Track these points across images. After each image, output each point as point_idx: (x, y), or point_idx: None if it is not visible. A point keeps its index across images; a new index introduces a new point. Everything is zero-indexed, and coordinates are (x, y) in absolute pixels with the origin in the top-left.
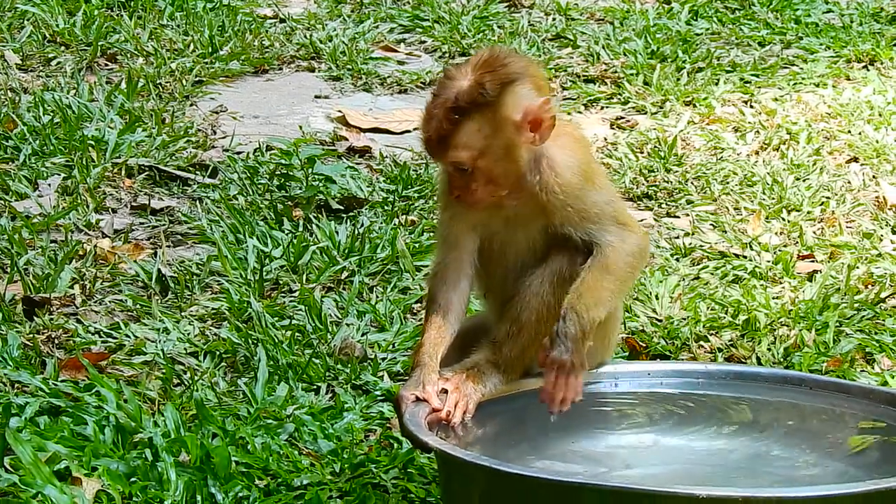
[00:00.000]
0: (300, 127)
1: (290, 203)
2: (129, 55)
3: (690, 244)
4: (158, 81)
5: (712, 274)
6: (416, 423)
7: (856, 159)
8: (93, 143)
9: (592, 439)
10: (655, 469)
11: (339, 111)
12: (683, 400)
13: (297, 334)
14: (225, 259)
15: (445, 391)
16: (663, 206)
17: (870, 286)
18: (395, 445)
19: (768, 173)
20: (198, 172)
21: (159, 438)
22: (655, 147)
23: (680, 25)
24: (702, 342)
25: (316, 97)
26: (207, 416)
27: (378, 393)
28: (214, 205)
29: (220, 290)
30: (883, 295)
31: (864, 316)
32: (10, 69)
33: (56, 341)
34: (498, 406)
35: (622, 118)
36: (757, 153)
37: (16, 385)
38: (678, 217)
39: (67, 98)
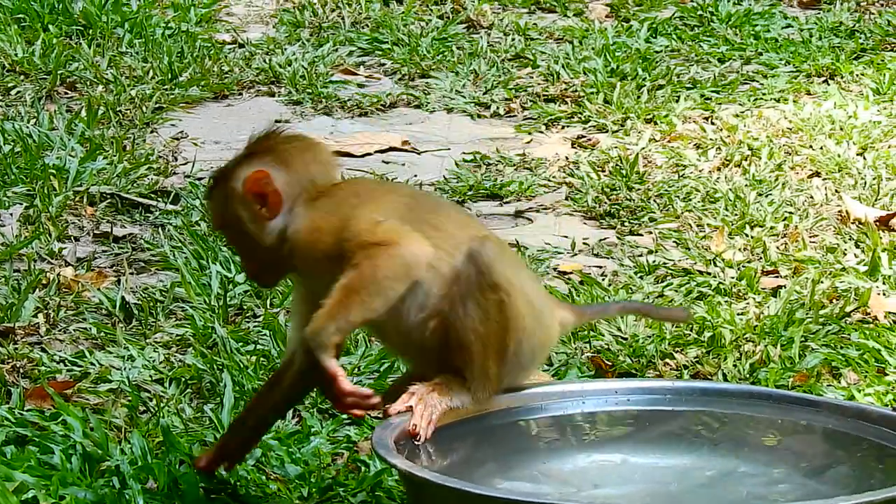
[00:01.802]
0: None
1: None
2: (88, 83)
3: (654, 262)
4: (118, 109)
5: (676, 291)
6: (384, 444)
7: (818, 174)
8: (54, 171)
9: (560, 459)
10: (624, 488)
11: None
12: (651, 418)
13: (262, 359)
14: (189, 285)
15: (410, 408)
16: (626, 224)
17: (834, 300)
18: (363, 469)
19: (730, 189)
20: (160, 199)
21: (126, 466)
22: (617, 165)
23: (639, 43)
24: (667, 360)
25: (276, 122)
26: (174, 442)
27: (345, 417)
28: (177, 231)
29: (185, 316)
30: (848, 309)
31: (829, 330)
32: None
33: (21, 371)
34: (465, 426)
35: (583, 137)
36: (719, 169)
37: None
38: (641, 235)
39: (28, 127)
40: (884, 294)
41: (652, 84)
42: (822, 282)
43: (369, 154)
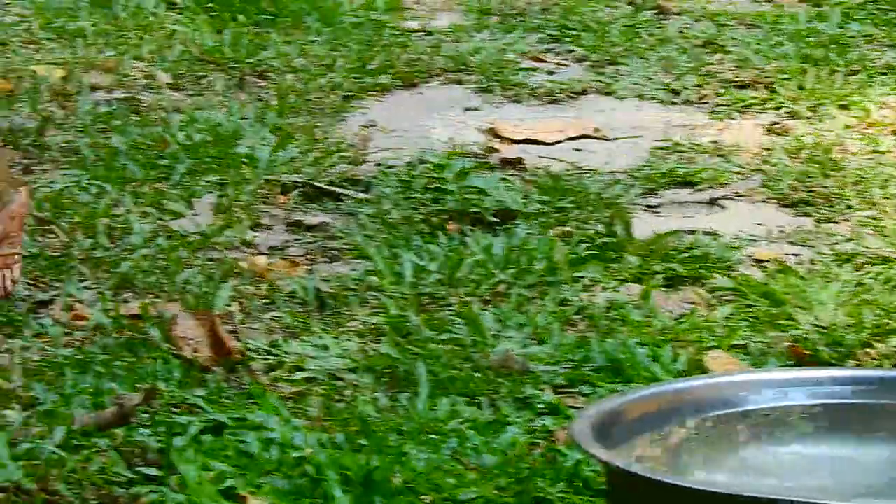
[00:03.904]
0: (451, 139)
1: (444, 216)
2: (278, 72)
3: (851, 250)
4: (308, 97)
5: (875, 279)
6: (583, 433)
7: None
8: (246, 160)
9: (760, 451)
10: (826, 481)
11: (490, 123)
12: (855, 408)
13: (456, 348)
14: (381, 274)
15: None
16: (822, 211)
17: None
18: (560, 459)
19: None
20: (351, 187)
21: (323, 455)
22: (811, 153)
23: (832, 28)
24: (867, 349)
25: (466, 109)
26: (370, 432)
27: (541, 406)
28: (369, 219)
29: (378, 305)
30: None
31: None
32: (162, 89)
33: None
34: (659, 417)
35: (776, 123)
36: None
37: (179, 404)
38: (837, 223)
39: (219, 116)
40: None
41: (845, 70)
42: None
43: (560, 142)
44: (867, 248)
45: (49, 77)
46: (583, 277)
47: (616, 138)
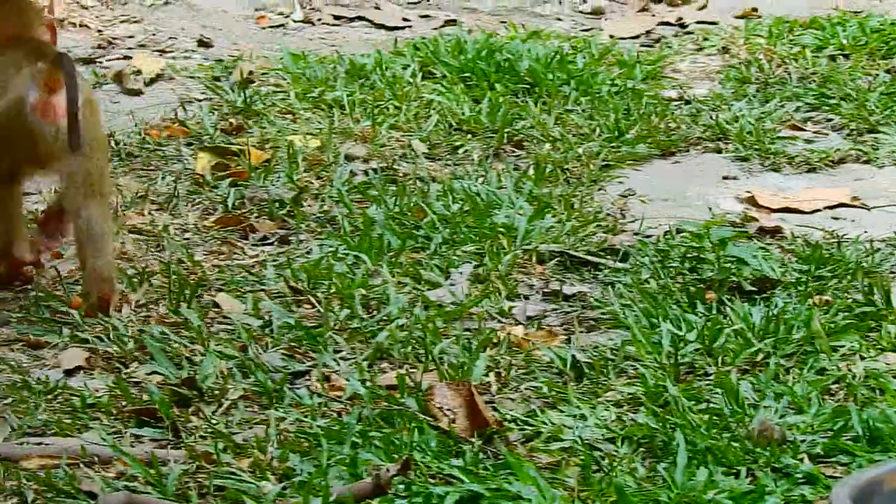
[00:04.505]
0: (709, 209)
1: (702, 285)
2: (535, 141)
3: None
4: (565, 167)
5: None
6: (843, 502)
7: None
8: (503, 230)
9: None
10: None
11: (748, 192)
12: None
13: (714, 418)
14: (639, 343)
15: None
16: None
17: None
18: None
19: None
20: (608, 257)
21: None
22: None
23: None
24: None
25: (724, 178)
26: (628, 502)
27: (799, 475)
28: (626, 289)
29: (636, 374)
30: None
31: None
32: (418, 158)
33: None
34: None
35: None
36: None
37: (436, 474)
38: None
39: (475, 186)
40: None
41: None
42: None
43: (818, 210)
44: None
45: (305, 147)
46: (841, 346)
47: (875, 207)
